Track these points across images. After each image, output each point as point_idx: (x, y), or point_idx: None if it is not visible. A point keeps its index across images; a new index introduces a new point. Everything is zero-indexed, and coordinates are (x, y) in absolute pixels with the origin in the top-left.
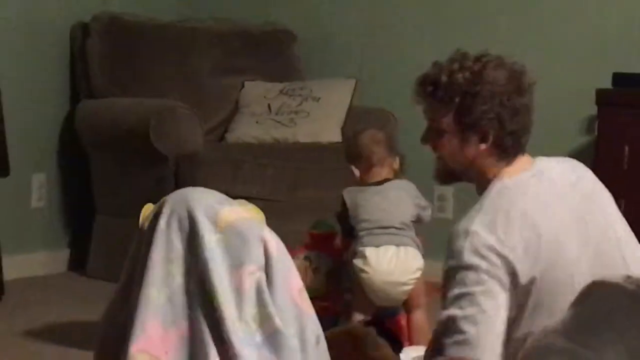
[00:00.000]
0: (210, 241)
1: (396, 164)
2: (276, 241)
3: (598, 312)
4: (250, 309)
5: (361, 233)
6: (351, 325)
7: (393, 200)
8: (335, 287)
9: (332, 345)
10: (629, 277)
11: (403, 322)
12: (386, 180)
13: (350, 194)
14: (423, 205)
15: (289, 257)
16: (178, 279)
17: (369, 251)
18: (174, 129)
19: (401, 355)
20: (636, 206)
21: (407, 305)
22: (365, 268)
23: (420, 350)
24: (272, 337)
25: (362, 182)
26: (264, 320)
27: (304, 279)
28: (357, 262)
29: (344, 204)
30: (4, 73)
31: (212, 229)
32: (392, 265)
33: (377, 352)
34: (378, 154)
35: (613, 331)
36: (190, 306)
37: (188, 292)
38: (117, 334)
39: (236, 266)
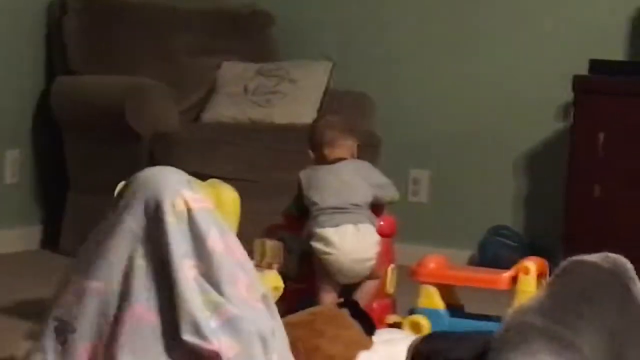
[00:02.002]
0: (171, 224)
1: (354, 148)
2: (224, 237)
3: (575, 290)
4: (198, 296)
5: (315, 214)
6: (324, 307)
7: (346, 180)
8: (309, 268)
9: (305, 325)
10: (606, 255)
11: (375, 305)
12: (340, 159)
13: (304, 174)
14: (380, 184)
15: (237, 254)
16: (139, 261)
17: (329, 232)
18: (149, 107)
19: (374, 337)
20: (611, 193)
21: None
22: (328, 249)
23: (394, 333)
24: (229, 322)
25: (317, 164)
26: (216, 306)
27: (278, 260)
28: (318, 244)
29: (299, 185)
30: None
31: (172, 213)
32: (355, 243)
33: (350, 333)
34: (329, 135)
35: (591, 310)
36: (149, 288)
37: (148, 274)
38: None
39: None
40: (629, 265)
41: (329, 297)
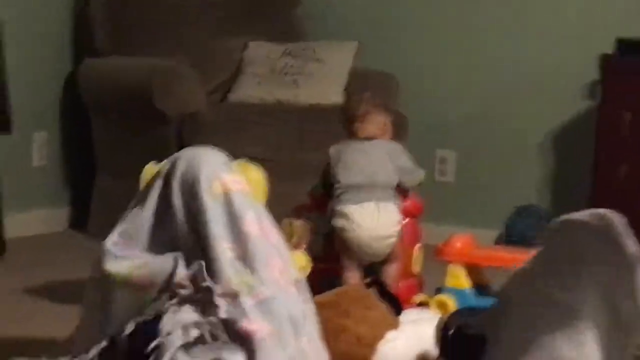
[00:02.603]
0: (208, 204)
1: (387, 125)
2: (260, 221)
3: (569, 251)
4: (235, 277)
5: (339, 192)
6: (350, 287)
7: (373, 160)
8: (334, 248)
9: (332, 306)
10: (594, 212)
11: (401, 284)
12: (372, 138)
13: (334, 149)
14: (407, 169)
15: (272, 237)
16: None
17: (351, 209)
18: (175, 89)
19: (401, 317)
20: (637, 172)
21: (385, 258)
22: (349, 226)
23: (421, 313)
24: (262, 304)
25: (348, 139)
26: (250, 288)
27: (305, 241)
28: (339, 221)
29: (328, 160)
30: (8, 30)
31: (209, 193)
32: (375, 220)
33: (376, 313)
34: (361, 109)
35: (585, 269)
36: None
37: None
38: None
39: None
40: (618, 219)
41: (352, 276)
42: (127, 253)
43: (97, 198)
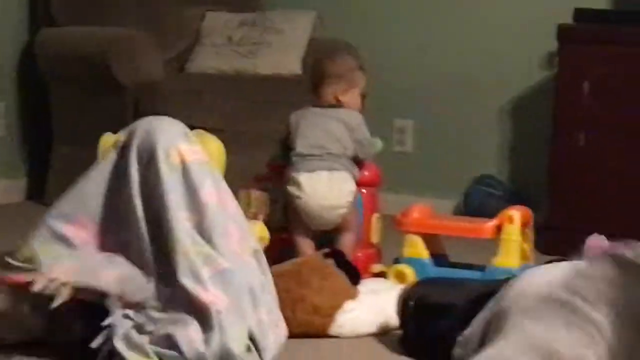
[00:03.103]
0: (165, 174)
1: (351, 93)
2: (218, 191)
3: (606, 275)
4: (193, 247)
5: (295, 158)
6: (309, 257)
7: (330, 129)
8: None
9: (291, 276)
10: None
11: (360, 254)
12: (334, 106)
13: (294, 116)
14: (362, 141)
15: (230, 207)
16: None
17: (303, 177)
18: (133, 58)
19: (359, 287)
20: (595, 141)
21: (339, 228)
22: (300, 194)
23: (379, 283)
24: (220, 275)
25: (313, 104)
26: (208, 258)
27: (264, 211)
28: (291, 188)
29: (288, 126)
30: None
31: (166, 163)
32: (327, 189)
33: (335, 283)
34: (328, 70)
35: (620, 296)
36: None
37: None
38: None
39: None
40: None
41: (303, 244)
42: (68, 233)
43: (55, 168)
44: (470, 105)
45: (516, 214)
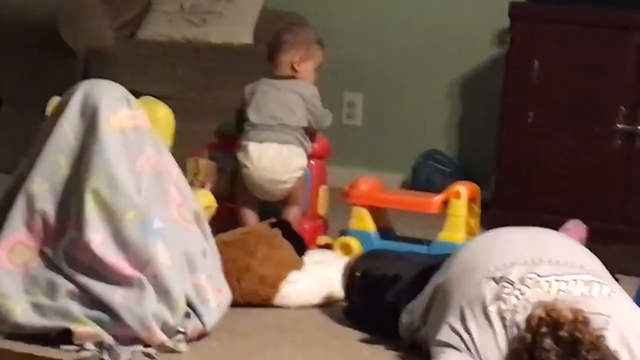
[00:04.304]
0: (105, 137)
1: (306, 65)
2: (159, 156)
3: None
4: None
5: (247, 127)
6: (256, 226)
7: (284, 100)
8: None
9: (237, 245)
10: None
11: (306, 226)
12: (289, 78)
13: (249, 88)
14: (316, 112)
15: (173, 173)
16: (64, 170)
17: (252, 146)
18: (82, 23)
19: (305, 257)
20: (544, 120)
21: (284, 201)
22: (246, 163)
23: (325, 255)
24: (163, 232)
25: (268, 75)
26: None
27: (211, 180)
28: (240, 155)
29: (243, 98)
30: None
31: (107, 127)
32: (273, 162)
33: (281, 253)
34: (286, 38)
35: None
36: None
37: (71, 182)
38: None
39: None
40: None
41: (247, 214)
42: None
43: (4, 131)
44: (420, 80)
45: (463, 190)
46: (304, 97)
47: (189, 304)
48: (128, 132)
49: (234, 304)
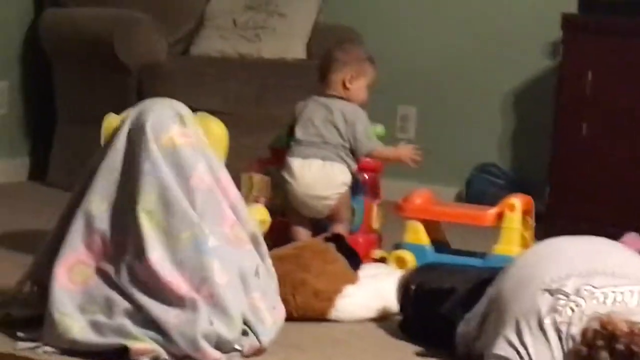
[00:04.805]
0: (157, 155)
1: (354, 85)
2: (214, 174)
3: None
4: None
5: (293, 143)
6: (311, 241)
7: (331, 119)
8: None
9: (291, 259)
10: None
11: (361, 240)
12: (339, 97)
13: (299, 106)
14: (357, 137)
15: (229, 191)
16: (120, 189)
17: (295, 162)
18: (137, 39)
19: (359, 271)
20: (597, 131)
21: (331, 218)
22: (290, 179)
23: (380, 269)
24: (218, 249)
25: (320, 93)
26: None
27: (265, 194)
28: (284, 172)
29: (293, 113)
30: None
31: (156, 145)
32: (316, 178)
33: (335, 267)
34: (337, 57)
35: None
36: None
37: (127, 202)
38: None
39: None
40: None
41: (298, 230)
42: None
43: (57, 147)
44: (473, 92)
45: (517, 202)
46: (348, 120)
47: (246, 322)
48: (180, 149)
49: (289, 318)
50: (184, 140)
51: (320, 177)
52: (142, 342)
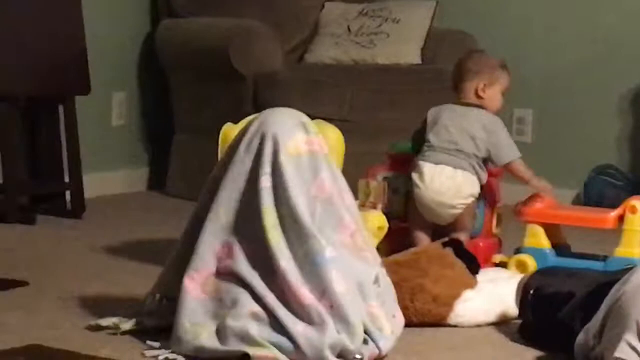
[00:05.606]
0: (285, 165)
1: (488, 93)
2: (335, 182)
3: None
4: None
5: (425, 148)
6: (429, 246)
7: (466, 127)
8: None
9: (410, 265)
10: None
11: (481, 244)
12: (475, 106)
13: (432, 112)
14: (499, 143)
15: (347, 199)
16: (245, 199)
17: (426, 167)
18: (253, 49)
19: (478, 276)
20: None
21: (453, 225)
22: (419, 183)
23: (499, 273)
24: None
25: (454, 101)
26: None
27: (382, 200)
28: (414, 175)
29: (424, 120)
30: None
31: (284, 153)
32: (445, 185)
33: (454, 272)
34: (467, 67)
35: None
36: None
37: (254, 212)
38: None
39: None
40: None
41: (419, 235)
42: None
43: (175, 157)
44: (590, 94)
45: (639, 204)
46: (487, 128)
47: (365, 330)
48: (304, 157)
49: (408, 324)
50: (307, 148)
51: (449, 185)
52: (265, 348)
